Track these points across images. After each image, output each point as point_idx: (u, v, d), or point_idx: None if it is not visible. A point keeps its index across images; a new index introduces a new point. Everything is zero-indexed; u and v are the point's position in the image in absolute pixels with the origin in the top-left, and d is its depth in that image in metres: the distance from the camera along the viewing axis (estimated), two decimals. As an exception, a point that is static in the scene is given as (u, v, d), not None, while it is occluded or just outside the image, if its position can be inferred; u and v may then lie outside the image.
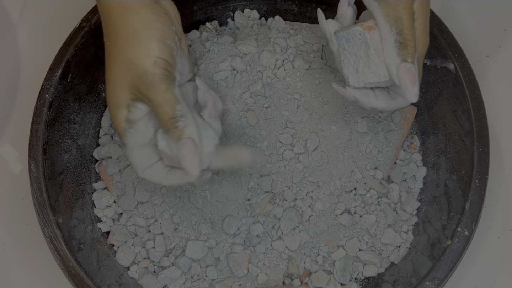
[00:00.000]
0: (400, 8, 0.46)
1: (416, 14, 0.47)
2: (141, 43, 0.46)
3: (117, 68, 0.47)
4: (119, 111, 0.48)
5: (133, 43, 0.47)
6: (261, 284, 0.57)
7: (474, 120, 0.56)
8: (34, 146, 0.56)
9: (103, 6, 0.48)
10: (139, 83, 0.47)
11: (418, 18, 0.47)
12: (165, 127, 0.47)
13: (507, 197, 0.63)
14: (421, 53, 0.48)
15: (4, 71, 0.71)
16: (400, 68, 0.46)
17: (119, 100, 0.48)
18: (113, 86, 0.48)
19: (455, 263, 0.53)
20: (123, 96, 0.48)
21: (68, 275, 0.53)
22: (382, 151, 0.60)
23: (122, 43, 0.47)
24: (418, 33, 0.47)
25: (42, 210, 0.55)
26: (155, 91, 0.47)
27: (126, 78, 0.47)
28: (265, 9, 0.68)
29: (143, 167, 0.50)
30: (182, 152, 0.46)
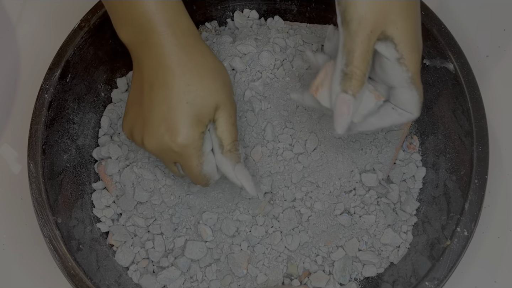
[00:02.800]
0: (358, 40, 0.45)
1: (396, 39, 0.46)
2: (224, 69, 0.52)
3: (208, 84, 0.49)
4: (201, 125, 0.49)
5: (220, 68, 0.51)
6: (261, 284, 0.57)
7: (474, 120, 0.56)
8: (33, 146, 0.56)
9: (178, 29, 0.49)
10: (228, 102, 0.50)
11: (399, 42, 0.46)
12: (228, 148, 0.51)
13: (506, 197, 0.63)
14: (414, 70, 0.47)
15: (4, 71, 0.71)
16: (338, 98, 0.47)
17: (205, 114, 0.49)
18: (202, 100, 0.49)
19: (455, 263, 0.53)
20: (210, 110, 0.49)
21: (67, 275, 0.53)
22: (382, 151, 0.60)
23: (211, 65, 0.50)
24: (406, 55, 0.46)
25: (41, 210, 0.55)
26: (235, 112, 0.51)
27: (218, 94, 0.50)
28: (264, 9, 0.68)
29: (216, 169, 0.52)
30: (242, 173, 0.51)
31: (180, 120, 0.48)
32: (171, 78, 0.49)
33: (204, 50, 0.51)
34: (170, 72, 0.49)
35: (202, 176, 0.51)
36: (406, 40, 0.46)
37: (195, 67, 0.49)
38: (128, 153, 0.61)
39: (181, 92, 0.48)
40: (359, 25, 0.45)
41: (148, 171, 0.59)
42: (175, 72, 0.49)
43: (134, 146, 0.61)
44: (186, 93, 0.48)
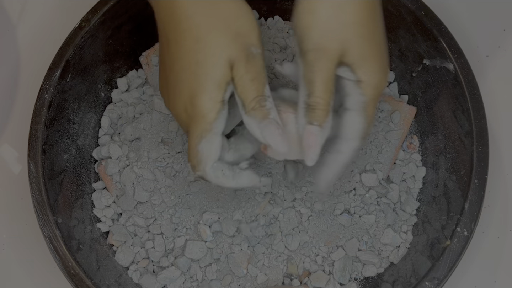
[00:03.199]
0: (316, 70, 0.44)
1: (353, 65, 0.45)
2: (246, 15, 0.45)
3: (219, 37, 0.44)
4: (218, 91, 0.44)
5: (237, 16, 0.45)
6: (261, 284, 0.57)
7: (474, 120, 0.56)
8: (34, 146, 0.56)
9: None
10: (241, 55, 0.44)
11: (357, 68, 0.45)
12: (251, 105, 0.45)
13: (506, 197, 0.63)
14: (370, 97, 0.46)
15: (4, 71, 0.71)
16: (305, 131, 0.45)
17: (220, 76, 0.44)
18: (213, 57, 0.44)
19: (455, 263, 0.53)
20: (225, 71, 0.44)
21: (67, 275, 0.53)
22: (382, 151, 0.60)
23: (224, 14, 0.45)
24: (364, 79, 0.45)
25: (41, 210, 0.55)
26: (255, 63, 0.45)
27: (231, 47, 0.44)
28: (264, 9, 0.68)
29: (215, 158, 0.47)
30: (268, 130, 0.45)
31: (192, 83, 0.44)
32: (181, 33, 0.44)
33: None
34: (180, 26, 0.44)
35: (194, 151, 0.46)
36: (365, 65, 0.45)
37: (204, 18, 0.44)
38: (128, 153, 0.61)
39: (191, 51, 0.44)
40: (316, 55, 0.44)
41: (148, 171, 0.59)
42: (183, 26, 0.44)
43: (134, 146, 0.61)
44: (194, 52, 0.44)
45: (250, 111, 0.45)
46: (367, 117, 0.46)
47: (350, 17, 0.44)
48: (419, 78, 0.62)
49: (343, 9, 0.44)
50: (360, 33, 0.44)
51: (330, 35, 0.44)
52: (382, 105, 0.62)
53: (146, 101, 0.64)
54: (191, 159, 0.46)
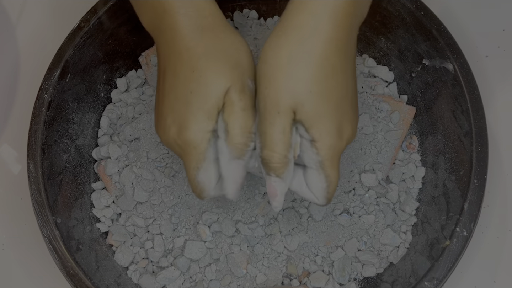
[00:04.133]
0: (266, 122, 0.42)
1: (306, 123, 0.42)
2: (246, 51, 0.45)
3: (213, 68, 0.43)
4: (208, 121, 0.44)
5: (237, 48, 0.45)
6: (260, 284, 0.57)
7: (473, 120, 0.56)
8: (33, 146, 0.56)
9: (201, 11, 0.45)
10: (237, 83, 0.44)
11: (310, 126, 0.42)
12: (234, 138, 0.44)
13: (505, 197, 0.63)
14: (325, 156, 0.43)
15: (3, 71, 0.71)
16: (266, 181, 0.44)
17: (210, 106, 0.43)
18: (209, 87, 0.43)
19: (454, 263, 0.53)
20: (216, 101, 0.43)
21: (66, 275, 0.53)
22: (381, 152, 0.60)
23: (226, 46, 0.44)
24: (318, 138, 0.42)
25: (40, 210, 0.55)
26: (250, 96, 0.44)
27: (225, 79, 0.43)
28: (264, 9, 0.68)
29: (214, 182, 0.46)
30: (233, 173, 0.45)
31: (184, 112, 0.44)
32: (179, 64, 0.44)
33: (220, 30, 0.45)
34: (179, 58, 0.44)
35: (195, 183, 0.46)
36: (318, 124, 0.42)
37: (204, 50, 0.44)
38: (128, 153, 0.61)
39: (186, 80, 0.44)
40: (265, 107, 0.42)
41: (147, 171, 0.59)
42: (183, 57, 0.44)
43: (133, 146, 0.61)
44: (189, 81, 0.43)
45: (231, 143, 0.44)
46: (327, 176, 0.44)
47: (302, 71, 0.41)
48: (419, 78, 0.63)
49: (294, 62, 0.41)
50: (313, 89, 0.41)
51: (278, 86, 0.42)
52: (381, 105, 0.62)
53: (146, 101, 0.64)
54: (194, 190, 0.46)
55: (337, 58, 0.42)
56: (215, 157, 0.45)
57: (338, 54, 0.42)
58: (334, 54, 0.42)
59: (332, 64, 0.42)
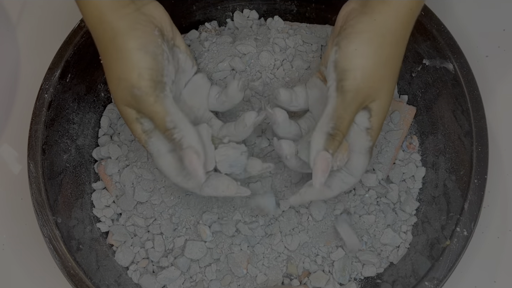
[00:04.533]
0: (349, 110, 0.48)
1: (373, 112, 0.49)
2: (123, 57, 0.46)
3: (113, 86, 0.48)
4: (134, 125, 0.49)
5: (117, 58, 0.47)
6: (260, 284, 0.57)
7: (473, 120, 0.56)
8: (33, 146, 0.56)
9: (89, 25, 0.48)
10: (129, 98, 0.47)
11: (375, 115, 0.49)
12: (166, 138, 0.49)
13: (506, 197, 0.63)
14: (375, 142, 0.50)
15: (3, 71, 0.71)
16: (319, 155, 0.48)
17: (128, 116, 0.49)
18: (117, 103, 0.49)
19: (454, 263, 0.53)
20: (128, 111, 0.48)
21: (67, 275, 0.53)
22: (381, 151, 0.60)
23: (110, 60, 0.47)
24: (375, 127, 0.49)
25: (41, 210, 0.55)
26: (144, 104, 0.47)
27: (118, 94, 0.48)
28: (264, 9, 0.68)
29: (174, 173, 0.50)
30: (185, 162, 0.48)
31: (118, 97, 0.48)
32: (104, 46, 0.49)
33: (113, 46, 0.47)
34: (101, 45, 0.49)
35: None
36: (381, 115, 0.49)
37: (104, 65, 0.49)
38: (128, 153, 0.61)
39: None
40: (355, 97, 0.47)
41: (147, 171, 0.59)
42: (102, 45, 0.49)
43: (133, 146, 0.61)
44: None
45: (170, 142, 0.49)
46: (370, 158, 0.51)
47: (388, 71, 0.48)
48: (419, 78, 0.63)
49: (388, 63, 0.48)
50: (389, 88, 0.49)
51: (371, 81, 0.47)
52: (381, 105, 0.62)
53: (146, 101, 0.64)
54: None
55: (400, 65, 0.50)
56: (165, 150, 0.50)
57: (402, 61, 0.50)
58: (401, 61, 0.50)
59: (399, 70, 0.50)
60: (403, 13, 0.47)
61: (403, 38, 0.48)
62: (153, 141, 0.49)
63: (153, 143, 0.49)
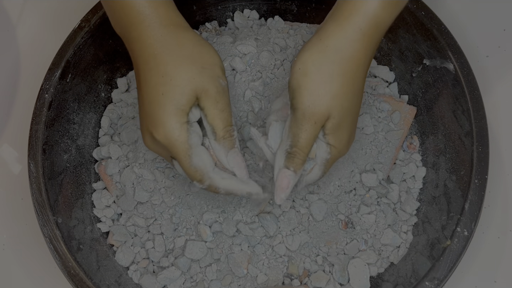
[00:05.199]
0: (302, 128, 0.48)
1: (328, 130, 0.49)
2: (208, 52, 0.50)
3: (184, 72, 0.48)
4: (182, 114, 0.48)
5: (200, 52, 0.49)
6: (261, 284, 0.57)
7: (474, 120, 0.56)
8: (34, 146, 0.56)
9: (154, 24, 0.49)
10: (211, 85, 0.49)
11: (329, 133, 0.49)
12: (221, 134, 0.50)
13: (506, 197, 0.63)
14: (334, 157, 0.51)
15: (4, 71, 0.71)
16: (280, 173, 0.50)
17: (185, 102, 0.48)
18: (178, 89, 0.48)
19: (455, 263, 0.53)
20: (190, 98, 0.48)
21: (67, 275, 0.53)
22: (382, 152, 0.60)
23: (188, 52, 0.49)
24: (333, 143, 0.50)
25: (41, 210, 0.55)
26: (224, 95, 0.50)
27: (196, 80, 0.48)
28: (264, 9, 0.68)
29: (212, 164, 0.50)
30: (235, 159, 0.50)
31: (158, 113, 0.48)
32: (148, 72, 0.48)
33: (183, 37, 0.49)
34: (147, 66, 0.49)
35: (192, 170, 0.49)
36: (336, 134, 0.49)
37: (171, 55, 0.48)
38: (128, 153, 0.61)
39: (157, 85, 0.48)
40: (303, 116, 0.48)
41: (148, 171, 0.59)
42: (151, 65, 0.48)
43: (132, 147, 0.61)
44: (161, 85, 0.48)
45: (221, 140, 0.50)
46: (324, 171, 0.52)
47: (338, 88, 0.47)
48: (419, 78, 0.63)
49: (334, 79, 0.47)
50: (343, 105, 0.48)
51: (319, 101, 0.47)
52: (382, 105, 0.62)
53: (146, 101, 0.64)
54: (194, 177, 0.50)
55: (362, 79, 0.49)
56: (200, 141, 0.50)
57: (363, 76, 0.49)
58: (361, 76, 0.49)
59: (358, 84, 0.49)
60: (350, 31, 0.47)
61: (354, 57, 0.47)
62: (193, 130, 0.49)
63: (194, 132, 0.49)
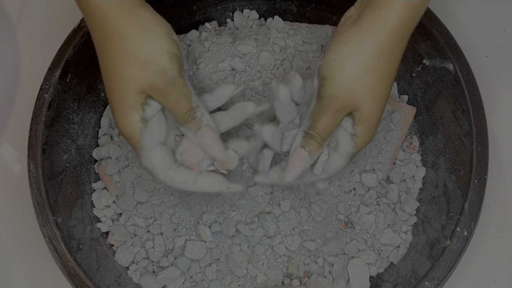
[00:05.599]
0: (324, 115, 0.49)
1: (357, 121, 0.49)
2: (152, 41, 0.47)
3: (125, 69, 0.47)
4: (132, 112, 0.48)
5: (142, 42, 0.47)
6: (260, 284, 0.57)
7: (473, 120, 0.56)
8: (34, 146, 0.56)
9: (96, 12, 0.47)
10: (157, 81, 0.47)
11: (358, 124, 0.49)
12: (183, 120, 0.49)
13: (506, 197, 0.63)
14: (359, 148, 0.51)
15: (4, 71, 0.71)
16: (295, 151, 0.50)
17: (132, 101, 0.48)
18: (122, 88, 0.47)
19: (454, 263, 0.53)
20: (136, 96, 0.48)
21: (67, 275, 0.53)
22: (381, 151, 0.60)
23: (129, 44, 0.46)
24: (360, 135, 0.50)
25: (41, 210, 0.55)
26: (175, 86, 0.48)
27: (139, 77, 0.47)
28: (264, 9, 0.68)
29: (165, 168, 0.50)
30: (205, 140, 0.50)
31: (113, 109, 0.49)
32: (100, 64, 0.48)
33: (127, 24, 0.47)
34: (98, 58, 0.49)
35: (147, 166, 0.50)
36: (367, 125, 0.49)
37: (112, 50, 0.47)
38: (128, 153, 0.61)
39: (106, 81, 0.48)
40: (329, 104, 0.48)
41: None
42: (100, 58, 0.48)
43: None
44: (108, 82, 0.48)
45: (184, 124, 0.50)
46: (348, 162, 0.52)
47: (371, 82, 0.47)
48: (419, 78, 0.63)
49: (369, 73, 0.47)
50: (375, 99, 0.48)
51: (347, 90, 0.47)
52: (382, 105, 0.62)
53: (146, 101, 0.64)
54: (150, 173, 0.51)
55: (396, 71, 0.49)
56: (156, 142, 0.50)
57: (397, 67, 0.49)
58: (395, 68, 0.49)
59: (392, 76, 0.49)
60: (393, 23, 0.46)
61: (392, 50, 0.47)
62: (148, 131, 0.49)
63: (148, 133, 0.49)
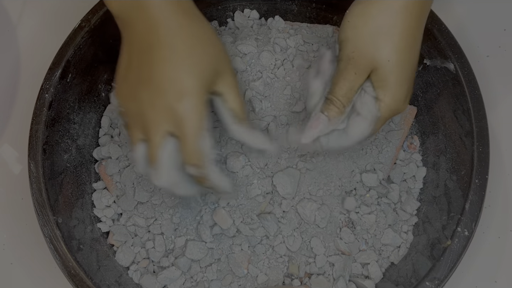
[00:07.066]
0: (342, 78, 0.49)
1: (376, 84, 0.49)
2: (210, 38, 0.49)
3: (211, 47, 0.49)
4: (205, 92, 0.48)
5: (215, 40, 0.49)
6: (261, 284, 0.57)
7: (474, 120, 0.56)
8: (34, 146, 0.56)
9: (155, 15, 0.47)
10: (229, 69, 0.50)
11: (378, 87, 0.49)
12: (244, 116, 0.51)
13: (507, 197, 0.63)
14: (385, 115, 0.50)
15: (4, 71, 0.71)
16: (315, 114, 0.51)
17: (209, 78, 0.48)
18: (198, 68, 0.47)
19: (455, 263, 0.53)
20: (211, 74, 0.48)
21: (67, 275, 0.53)
22: (382, 151, 0.60)
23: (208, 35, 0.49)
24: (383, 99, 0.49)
25: (41, 210, 0.55)
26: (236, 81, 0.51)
27: (216, 60, 0.49)
28: (265, 9, 0.68)
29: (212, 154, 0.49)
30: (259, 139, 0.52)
31: (187, 81, 0.46)
32: (173, 38, 0.47)
33: (201, 16, 0.50)
34: (171, 33, 0.47)
35: (195, 151, 0.47)
36: (385, 88, 0.49)
37: (197, 31, 0.48)
38: (128, 153, 0.61)
39: (186, 54, 0.47)
40: (345, 66, 0.49)
41: (148, 171, 0.59)
42: (176, 33, 0.47)
43: (134, 146, 0.61)
44: (190, 55, 0.47)
45: (243, 121, 0.51)
46: (374, 129, 0.51)
47: (385, 41, 0.48)
48: (420, 78, 0.62)
49: (381, 32, 0.48)
50: (389, 58, 0.48)
51: (363, 52, 0.48)
52: (382, 105, 0.62)
53: (147, 101, 0.64)
54: (192, 159, 0.48)
55: (417, 32, 0.49)
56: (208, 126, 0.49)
57: (417, 28, 0.49)
58: (414, 28, 0.48)
59: (412, 37, 0.49)
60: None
61: (405, 9, 0.47)
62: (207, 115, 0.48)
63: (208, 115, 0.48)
